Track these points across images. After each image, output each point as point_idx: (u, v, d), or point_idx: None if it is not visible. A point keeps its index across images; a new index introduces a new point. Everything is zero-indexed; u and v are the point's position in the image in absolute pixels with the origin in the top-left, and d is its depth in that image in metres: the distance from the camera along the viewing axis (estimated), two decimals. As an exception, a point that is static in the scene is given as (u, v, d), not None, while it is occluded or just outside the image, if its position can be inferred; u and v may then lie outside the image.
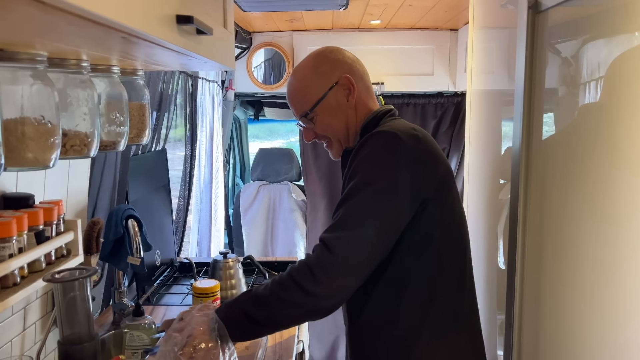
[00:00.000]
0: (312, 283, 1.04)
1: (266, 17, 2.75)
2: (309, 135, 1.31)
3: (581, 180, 1.02)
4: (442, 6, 2.51)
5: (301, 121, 1.30)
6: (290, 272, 1.08)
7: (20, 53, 0.80)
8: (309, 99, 1.26)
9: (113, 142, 1.12)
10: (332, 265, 1.04)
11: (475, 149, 1.92)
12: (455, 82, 3.21)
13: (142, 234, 1.59)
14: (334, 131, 1.28)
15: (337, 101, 1.26)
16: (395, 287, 1.16)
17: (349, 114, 1.27)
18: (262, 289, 1.09)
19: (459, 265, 1.21)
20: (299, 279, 1.05)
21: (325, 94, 1.25)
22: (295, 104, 1.30)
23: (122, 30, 0.63)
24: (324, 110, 1.26)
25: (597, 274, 0.95)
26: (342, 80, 1.25)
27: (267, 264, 2.22)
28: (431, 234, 1.15)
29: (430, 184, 1.13)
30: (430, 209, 1.13)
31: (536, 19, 1.22)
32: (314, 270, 1.04)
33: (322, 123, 1.27)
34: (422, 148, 1.14)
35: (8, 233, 0.96)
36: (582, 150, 1.02)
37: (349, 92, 1.26)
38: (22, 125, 0.81)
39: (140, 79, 1.23)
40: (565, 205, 1.09)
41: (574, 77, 1.09)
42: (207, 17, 1.00)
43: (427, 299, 1.16)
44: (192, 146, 2.67)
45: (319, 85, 1.25)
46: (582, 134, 1.03)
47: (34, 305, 1.27)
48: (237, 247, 3.67)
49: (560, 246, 1.11)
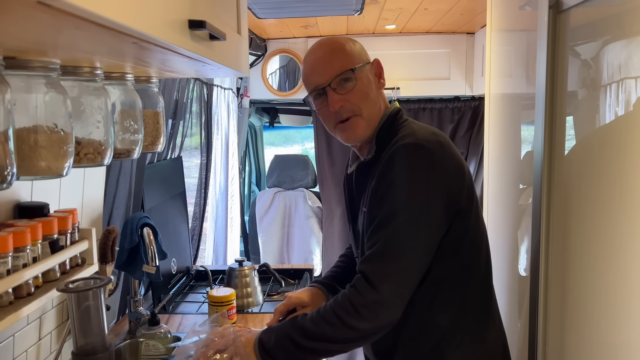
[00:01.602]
0: (358, 320, 1.03)
1: (280, 23, 2.75)
2: (338, 101, 1.16)
3: (606, 184, 0.98)
4: (458, 9, 2.48)
5: (336, 81, 1.16)
6: (334, 309, 1.06)
7: (33, 61, 0.79)
8: (355, 58, 1.19)
9: (127, 150, 1.11)
10: (376, 302, 1.03)
11: (494, 154, 1.88)
12: (472, 86, 3.17)
13: (157, 242, 1.58)
14: (369, 104, 1.18)
15: (369, 78, 1.20)
16: (427, 297, 1.13)
17: (378, 96, 1.22)
18: (309, 321, 1.08)
19: (483, 272, 1.20)
20: (344, 316, 1.04)
21: (367, 62, 1.21)
22: (336, 59, 1.18)
23: (132, 36, 0.61)
24: (363, 77, 1.18)
25: (626, 282, 0.91)
26: (376, 62, 1.24)
27: (283, 271, 2.20)
28: (459, 243, 1.13)
29: (461, 194, 1.11)
30: (460, 219, 1.11)
31: (557, 19, 1.19)
32: (358, 309, 1.03)
33: (360, 90, 1.17)
34: (448, 155, 1.11)
35: (22, 242, 0.95)
36: (607, 154, 0.98)
37: (380, 76, 1.24)
38: (35, 134, 0.81)
39: (154, 87, 1.22)
40: (589, 211, 1.05)
41: (594, 80, 1.05)
42: (220, 22, 0.99)
43: (458, 305, 1.15)
44: (208, 154, 2.67)
45: (361, 53, 1.22)
46: (606, 137, 0.99)
47: (49, 315, 1.26)
48: (253, 255, 3.66)
49: (586, 252, 1.07)
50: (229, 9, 1.12)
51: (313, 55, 1.22)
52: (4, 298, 0.93)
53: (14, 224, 0.99)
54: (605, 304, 0.99)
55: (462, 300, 1.15)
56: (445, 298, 1.14)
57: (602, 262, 1.00)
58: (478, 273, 1.18)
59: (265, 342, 1.08)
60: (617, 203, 0.94)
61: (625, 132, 0.91)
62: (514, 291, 1.62)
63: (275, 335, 1.09)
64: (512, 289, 1.64)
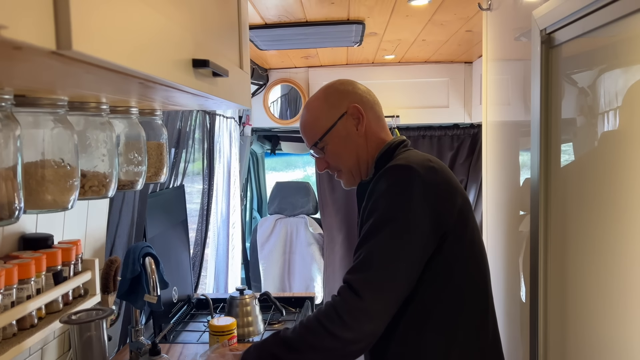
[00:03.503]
0: (341, 328, 1.03)
1: (282, 54, 2.80)
2: (321, 165, 1.34)
3: (602, 209, 1.00)
4: (455, 40, 2.53)
5: (313, 151, 1.33)
6: (318, 316, 1.07)
7: (42, 99, 0.82)
8: (319, 128, 1.28)
9: (131, 181, 1.13)
10: (360, 310, 1.04)
11: (493, 181, 1.90)
12: (471, 114, 3.21)
13: (159, 272, 1.59)
14: (344, 161, 1.30)
15: (346, 130, 1.27)
16: (418, 321, 1.14)
17: (359, 144, 1.28)
18: (291, 332, 1.09)
19: (480, 299, 1.19)
20: (328, 324, 1.04)
21: (334, 123, 1.27)
22: (306, 134, 1.32)
23: (139, 77, 0.64)
24: (333, 139, 1.28)
25: (626, 307, 0.92)
26: (350, 109, 1.27)
27: (284, 299, 2.20)
28: (451, 267, 1.14)
29: (449, 216, 1.12)
30: (450, 242, 1.12)
31: (550, 53, 1.22)
32: (342, 316, 1.03)
33: (332, 153, 1.29)
34: (440, 180, 1.13)
35: (27, 274, 0.97)
36: (603, 179, 1.00)
37: (358, 122, 1.27)
38: (42, 169, 0.83)
39: (158, 119, 1.25)
40: (587, 236, 1.06)
41: (591, 107, 1.08)
42: (223, 58, 1.02)
43: (451, 333, 1.15)
44: (210, 181, 2.69)
45: (328, 114, 1.28)
46: (602, 163, 1.01)
47: (51, 346, 1.27)
48: (254, 282, 3.65)
49: (584, 279, 1.08)
50: (232, 45, 1.15)
51: (299, 120, 1.37)
52: (8, 330, 0.94)
53: (19, 256, 1.01)
54: (605, 330, 0.99)
55: (454, 328, 1.15)
56: (437, 324, 1.14)
57: (600, 287, 1.01)
58: (473, 300, 1.18)
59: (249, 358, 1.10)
60: (615, 229, 0.95)
61: (621, 158, 0.93)
62: (516, 318, 1.62)
63: (258, 351, 1.10)
64: (514, 316, 1.63)
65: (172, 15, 0.74)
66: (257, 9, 1.91)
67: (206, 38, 0.93)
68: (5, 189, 0.67)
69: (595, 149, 1.05)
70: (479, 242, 1.21)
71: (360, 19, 2.09)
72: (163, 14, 0.69)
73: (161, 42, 0.67)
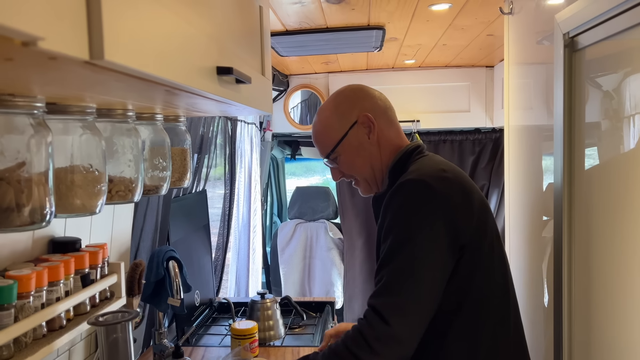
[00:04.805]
0: (371, 354, 1.04)
1: (302, 60, 2.83)
2: (336, 174, 1.33)
3: (627, 214, 0.98)
4: (476, 45, 2.52)
5: (326, 162, 1.32)
6: (346, 343, 1.08)
7: (72, 106, 0.84)
8: (330, 139, 1.28)
9: (156, 186, 1.16)
10: (389, 336, 1.04)
11: (515, 186, 1.88)
12: (492, 118, 3.18)
13: (182, 275, 1.61)
14: (358, 170, 1.29)
15: (358, 140, 1.26)
16: (440, 332, 1.13)
17: (372, 152, 1.27)
18: (321, 357, 1.10)
19: (502, 308, 1.18)
20: (356, 351, 1.05)
21: (345, 134, 1.26)
22: (318, 145, 1.32)
23: (165, 85, 0.66)
24: (346, 150, 1.27)
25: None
26: (361, 118, 1.26)
27: (305, 304, 2.21)
28: (471, 276, 1.12)
29: (466, 228, 1.10)
30: (469, 253, 1.11)
31: (573, 56, 1.21)
32: (370, 343, 1.04)
33: (345, 163, 1.28)
34: (455, 190, 1.12)
35: (56, 277, 0.99)
36: (628, 184, 0.99)
37: (370, 130, 1.26)
38: (71, 174, 0.85)
39: (182, 125, 1.27)
40: (612, 242, 1.05)
41: (616, 111, 1.06)
42: (246, 65, 1.04)
43: (472, 342, 1.13)
44: (232, 186, 2.72)
45: (339, 125, 1.27)
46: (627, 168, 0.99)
47: (78, 347, 1.30)
48: (274, 286, 3.66)
49: (608, 285, 1.07)
50: (254, 52, 1.17)
51: (312, 130, 1.36)
52: (38, 331, 0.96)
53: (48, 259, 1.04)
54: (631, 336, 0.98)
55: (476, 336, 1.13)
56: (459, 334, 1.13)
57: (626, 293, 0.99)
58: (494, 308, 1.16)
59: None
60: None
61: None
62: (540, 324, 1.60)
63: None
64: (539, 322, 1.61)
65: (198, 24, 0.76)
66: (278, 15, 1.94)
67: (229, 45, 0.95)
68: (38, 194, 0.69)
69: (620, 153, 1.04)
70: (498, 248, 1.19)
71: (380, 25, 2.09)
72: (189, 22, 0.71)
73: (187, 50, 0.69)
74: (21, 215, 0.68)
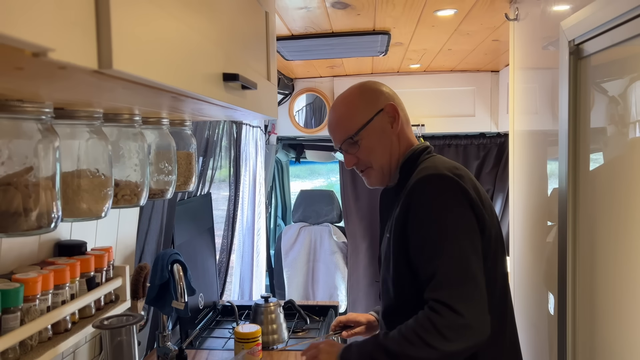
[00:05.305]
0: (441, 341, 1.06)
1: (307, 64, 2.83)
2: (351, 160, 1.33)
3: (632, 220, 0.98)
4: (481, 50, 2.52)
5: (344, 146, 1.32)
6: (416, 329, 1.09)
7: (79, 111, 0.85)
8: (355, 122, 1.29)
9: (161, 190, 1.16)
10: (460, 325, 1.06)
11: (520, 191, 1.88)
12: (497, 123, 3.18)
13: (186, 279, 1.62)
14: (376, 156, 1.30)
15: (382, 127, 1.29)
16: None
17: (392, 141, 1.30)
18: (391, 341, 1.12)
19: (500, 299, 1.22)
20: (426, 336, 1.06)
21: (371, 118, 1.28)
22: (340, 127, 1.32)
23: (172, 92, 0.67)
24: (369, 134, 1.29)
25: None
26: (387, 107, 1.29)
27: (308, 307, 2.21)
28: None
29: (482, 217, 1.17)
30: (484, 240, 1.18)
31: (578, 63, 1.21)
32: (442, 330, 1.06)
33: (366, 148, 1.29)
34: (468, 185, 1.18)
35: (62, 280, 1.00)
36: (633, 190, 0.98)
37: (394, 120, 1.30)
38: (78, 178, 0.86)
39: (187, 129, 1.28)
40: (616, 248, 1.05)
41: (622, 116, 1.06)
42: (251, 71, 1.05)
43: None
44: (236, 188, 2.73)
45: (365, 109, 1.29)
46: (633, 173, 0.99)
47: (83, 350, 1.30)
48: (278, 290, 3.66)
49: (613, 291, 1.06)
50: (260, 57, 1.18)
51: (328, 118, 1.36)
52: (44, 334, 0.97)
53: (54, 262, 1.05)
54: (635, 342, 0.97)
55: None
56: None
57: (631, 300, 0.99)
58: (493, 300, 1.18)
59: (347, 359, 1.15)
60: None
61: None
62: (544, 330, 1.59)
63: (359, 353, 1.15)
64: (543, 329, 1.61)
65: (204, 31, 0.77)
66: (284, 20, 1.94)
67: (235, 52, 0.96)
68: (45, 198, 0.70)
69: (625, 158, 1.04)
70: (501, 248, 1.24)
71: (386, 30, 2.10)
72: (196, 30, 0.72)
73: (194, 57, 0.70)
74: (28, 219, 0.69)
